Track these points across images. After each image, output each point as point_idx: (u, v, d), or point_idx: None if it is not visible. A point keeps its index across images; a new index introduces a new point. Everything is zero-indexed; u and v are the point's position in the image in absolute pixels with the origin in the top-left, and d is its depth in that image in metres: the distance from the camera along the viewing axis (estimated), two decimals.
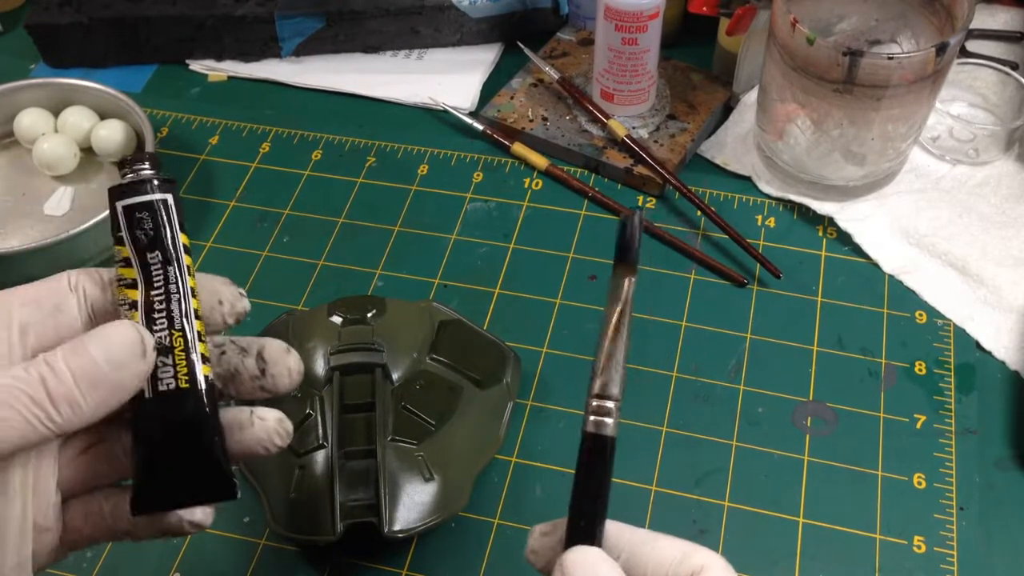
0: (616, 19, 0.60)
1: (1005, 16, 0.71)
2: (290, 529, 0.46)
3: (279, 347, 0.36)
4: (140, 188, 0.34)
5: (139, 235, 0.33)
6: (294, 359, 0.36)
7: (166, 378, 0.33)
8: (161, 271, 0.33)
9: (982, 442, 0.51)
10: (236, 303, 0.35)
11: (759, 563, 0.48)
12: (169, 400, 0.33)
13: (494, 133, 0.66)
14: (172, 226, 0.34)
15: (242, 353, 0.36)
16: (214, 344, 0.36)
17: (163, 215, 0.34)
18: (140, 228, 0.33)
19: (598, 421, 0.30)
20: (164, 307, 0.33)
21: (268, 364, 0.36)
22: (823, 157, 0.59)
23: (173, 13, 0.71)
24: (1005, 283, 0.56)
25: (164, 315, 0.33)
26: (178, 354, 0.33)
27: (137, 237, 0.33)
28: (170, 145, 0.68)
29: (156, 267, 0.33)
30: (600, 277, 0.59)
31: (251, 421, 0.35)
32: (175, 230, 0.34)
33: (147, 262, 0.33)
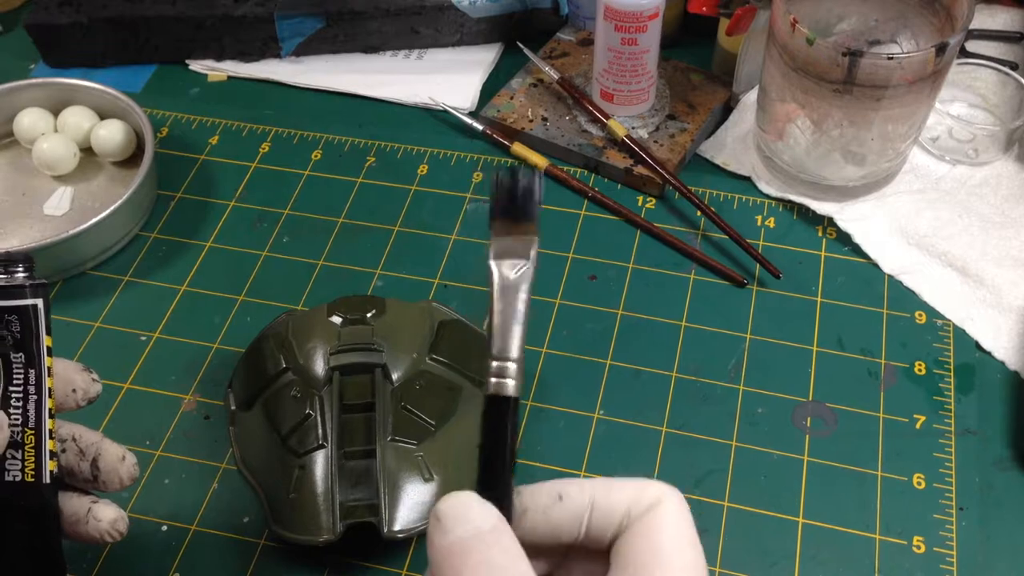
0: (616, 19, 0.60)
1: (1005, 16, 0.71)
2: (290, 529, 0.46)
3: (114, 456, 0.39)
4: (14, 292, 0.36)
5: (6, 335, 0.36)
6: (126, 469, 0.39)
7: (13, 470, 0.36)
8: (22, 372, 0.36)
9: (982, 442, 0.51)
10: (89, 388, 0.39)
11: (759, 563, 0.48)
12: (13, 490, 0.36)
13: (494, 133, 0.66)
14: (39, 331, 0.36)
15: (79, 456, 0.39)
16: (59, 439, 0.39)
17: (32, 320, 0.36)
18: (8, 329, 0.36)
19: (499, 383, 0.30)
20: (21, 405, 0.36)
21: (100, 472, 0.39)
22: (823, 157, 0.59)
23: (173, 13, 0.71)
24: (1005, 283, 0.56)
25: (20, 412, 0.36)
26: (28, 450, 0.36)
27: (3, 336, 0.36)
28: (170, 145, 0.68)
29: (18, 367, 0.36)
30: (600, 277, 0.59)
31: (87, 519, 0.38)
32: (41, 334, 0.36)
33: (10, 361, 0.36)
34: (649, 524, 0.29)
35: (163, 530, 0.50)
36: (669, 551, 0.30)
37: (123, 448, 0.40)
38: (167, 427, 0.53)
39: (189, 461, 0.52)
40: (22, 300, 0.36)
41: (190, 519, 0.50)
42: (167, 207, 0.65)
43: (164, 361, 0.56)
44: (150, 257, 0.62)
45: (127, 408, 0.54)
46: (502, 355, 0.30)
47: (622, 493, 0.30)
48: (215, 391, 0.55)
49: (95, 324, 0.58)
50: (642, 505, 0.30)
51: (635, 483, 0.30)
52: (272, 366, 0.51)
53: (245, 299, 0.59)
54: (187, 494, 0.51)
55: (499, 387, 0.30)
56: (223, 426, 0.53)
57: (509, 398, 0.30)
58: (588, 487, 0.30)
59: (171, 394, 0.55)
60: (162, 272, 0.61)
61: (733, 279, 0.58)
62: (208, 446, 0.53)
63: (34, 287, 0.36)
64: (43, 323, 0.36)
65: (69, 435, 0.39)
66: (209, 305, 0.59)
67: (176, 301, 0.59)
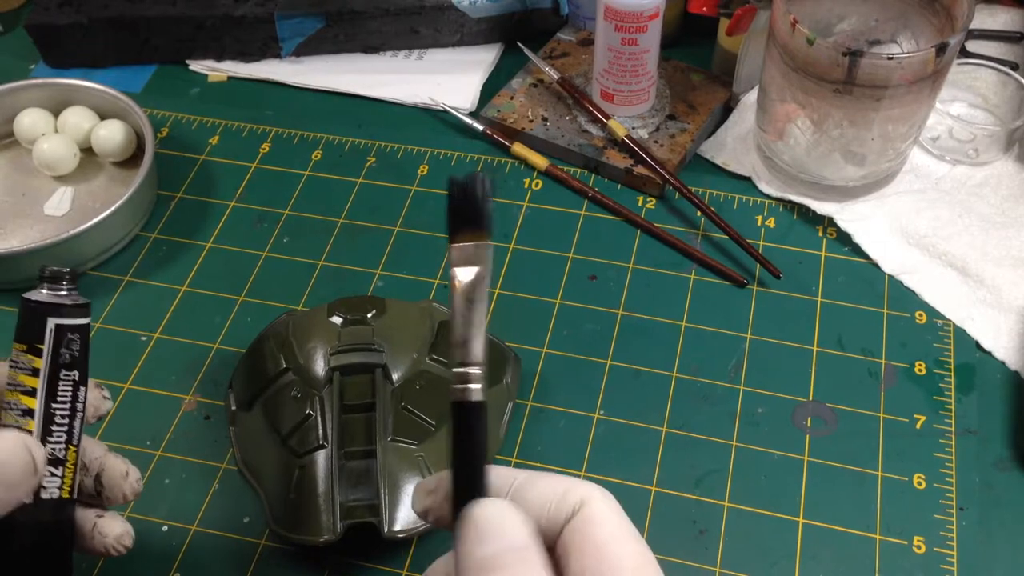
0: (616, 19, 0.60)
1: (1005, 16, 0.71)
2: (290, 529, 0.46)
3: (118, 472, 0.40)
4: (77, 311, 0.36)
5: (64, 353, 0.35)
6: (129, 485, 0.40)
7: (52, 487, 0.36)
8: (71, 390, 0.36)
9: (982, 442, 0.51)
10: (100, 406, 0.39)
11: (759, 563, 0.48)
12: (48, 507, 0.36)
13: (494, 133, 0.66)
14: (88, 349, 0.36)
15: (83, 470, 0.39)
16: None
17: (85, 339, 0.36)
18: (68, 348, 0.36)
19: (463, 388, 0.31)
20: (66, 423, 0.36)
21: (104, 488, 0.39)
22: (823, 157, 0.59)
23: (173, 13, 0.71)
24: (1005, 283, 0.56)
25: (65, 430, 0.36)
26: (68, 467, 0.36)
27: (61, 354, 0.35)
28: (170, 145, 0.68)
29: (67, 384, 0.36)
30: (600, 277, 0.59)
31: (92, 535, 0.38)
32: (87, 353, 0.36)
33: (60, 378, 0.35)
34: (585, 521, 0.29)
35: (163, 530, 0.50)
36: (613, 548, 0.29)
37: (127, 463, 0.40)
38: (167, 427, 0.53)
39: (189, 461, 0.52)
40: (84, 319, 0.36)
41: (190, 519, 0.50)
42: (167, 207, 0.65)
43: (164, 361, 0.56)
44: (150, 257, 0.62)
45: (127, 408, 0.54)
46: (466, 361, 0.31)
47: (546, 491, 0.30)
48: (215, 391, 0.55)
49: (95, 324, 0.58)
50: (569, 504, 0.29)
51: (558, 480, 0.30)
52: (272, 366, 0.51)
53: (245, 299, 0.59)
54: (187, 494, 0.51)
55: (465, 393, 0.30)
56: (223, 426, 0.53)
57: (476, 403, 0.30)
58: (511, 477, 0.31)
59: (171, 394, 0.55)
60: (162, 272, 0.61)
61: (733, 279, 0.58)
62: (208, 446, 0.53)
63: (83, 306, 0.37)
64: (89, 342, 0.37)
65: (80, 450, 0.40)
66: (209, 305, 0.59)
67: (176, 301, 0.59)
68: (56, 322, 0.35)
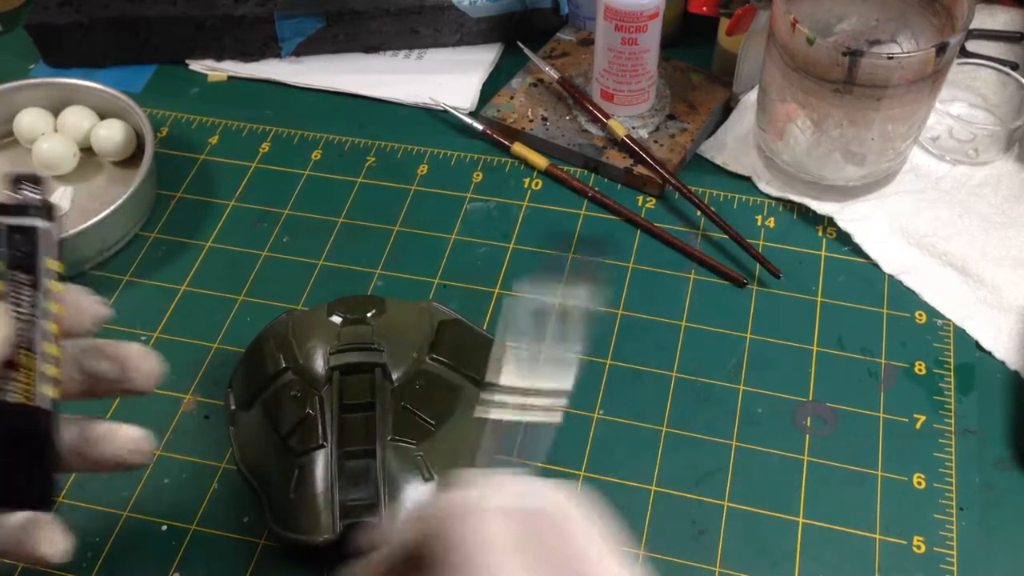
0: (616, 19, 0.60)
1: (1005, 16, 0.71)
2: (290, 529, 0.46)
3: (139, 351, 0.39)
4: (24, 211, 0.36)
5: (14, 253, 0.36)
6: (152, 361, 0.39)
7: (9, 390, 0.35)
8: (26, 292, 0.36)
9: (982, 442, 0.51)
10: (98, 310, 0.39)
11: (759, 563, 0.48)
12: (7, 412, 0.35)
13: (494, 133, 0.66)
14: (39, 251, 0.36)
15: (106, 359, 0.38)
16: (80, 348, 0.38)
17: (40, 241, 0.36)
18: (15, 248, 0.36)
19: None
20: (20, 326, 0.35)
21: (127, 368, 0.39)
22: (823, 157, 0.59)
23: (173, 13, 0.71)
24: (1005, 283, 0.56)
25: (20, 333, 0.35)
26: (24, 372, 0.36)
27: (11, 255, 0.36)
28: (170, 145, 0.68)
29: (22, 286, 0.36)
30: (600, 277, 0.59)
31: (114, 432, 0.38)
32: (40, 255, 0.36)
33: (15, 280, 0.36)
34: None
35: (163, 530, 0.50)
36: None
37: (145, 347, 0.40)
38: (167, 427, 0.53)
39: (189, 461, 0.52)
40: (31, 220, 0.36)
41: (190, 519, 0.50)
42: (167, 207, 0.65)
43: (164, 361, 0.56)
44: (150, 257, 0.62)
45: (127, 408, 0.54)
46: None
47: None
48: (215, 391, 0.55)
49: None
50: None
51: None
52: (272, 366, 0.51)
53: (245, 299, 0.59)
54: (187, 494, 0.51)
55: None
56: (223, 426, 0.53)
57: None
58: None
59: (171, 394, 0.55)
60: (162, 272, 0.61)
61: (733, 279, 0.58)
62: (208, 446, 0.53)
63: (39, 208, 0.36)
64: (51, 246, 0.36)
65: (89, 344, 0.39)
66: (209, 305, 0.59)
67: (176, 301, 0.59)
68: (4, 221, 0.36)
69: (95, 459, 0.38)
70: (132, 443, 0.38)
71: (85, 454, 0.38)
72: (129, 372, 0.39)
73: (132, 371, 0.39)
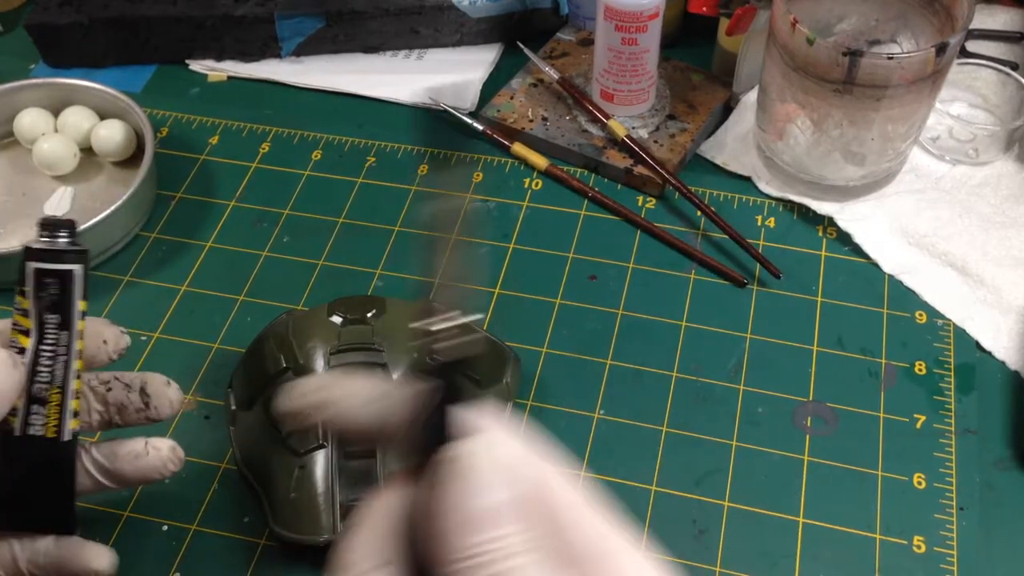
0: (616, 19, 0.60)
1: (1005, 16, 0.71)
2: (290, 529, 0.46)
3: (160, 382, 0.42)
4: (54, 256, 0.38)
5: (43, 296, 0.37)
6: (174, 391, 0.42)
7: (37, 424, 0.38)
8: (55, 332, 0.38)
9: (982, 442, 0.51)
10: (119, 341, 0.41)
11: (759, 563, 0.48)
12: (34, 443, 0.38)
13: (494, 133, 0.66)
14: (74, 295, 0.38)
15: (126, 389, 0.41)
16: (101, 381, 0.41)
17: (69, 284, 0.38)
18: (46, 291, 0.37)
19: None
20: (50, 364, 0.38)
21: (150, 397, 0.41)
22: (823, 157, 0.59)
23: (173, 13, 0.71)
24: (1005, 283, 0.56)
25: (48, 371, 0.38)
26: (52, 407, 0.38)
27: (41, 297, 0.37)
28: (170, 145, 0.68)
29: (52, 327, 0.38)
30: (600, 277, 0.59)
31: (146, 451, 0.41)
32: (75, 299, 0.38)
33: (44, 321, 0.38)
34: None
35: (163, 530, 0.50)
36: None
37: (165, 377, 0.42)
38: (167, 427, 0.53)
39: (189, 461, 0.52)
40: (61, 264, 0.38)
41: (190, 519, 0.50)
42: (167, 207, 0.65)
43: (164, 361, 0.56)
44: (150, 257, 0.62)
45: None
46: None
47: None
48: (215, 391, 0.55)
49: None
50: None
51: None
52: (272, 366, 0.51)
53: (245, 299, 0.59)
54: (187, 494, 0.51)
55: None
56: (223, 426, 0.53)
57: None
58: None
59: None
60: (162, 272, 0.61)
61: (733, 279, 0.58)
62: (208, 446, 0.53)
63: (73, 252, 0.38)
64: (79, 288, 0.38)
65: (110, 377, 0.41)
66: (209, 305, 0.59)
67: (176, 301, 0.59)
68: (35, 266, 0.38)
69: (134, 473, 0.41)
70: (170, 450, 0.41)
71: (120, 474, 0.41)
72: (152, 402, 0.41)
73: (155, 401, 0.41)
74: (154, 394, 0.42)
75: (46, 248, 0.38)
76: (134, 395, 0.41)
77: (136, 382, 0.42)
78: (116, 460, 0.40)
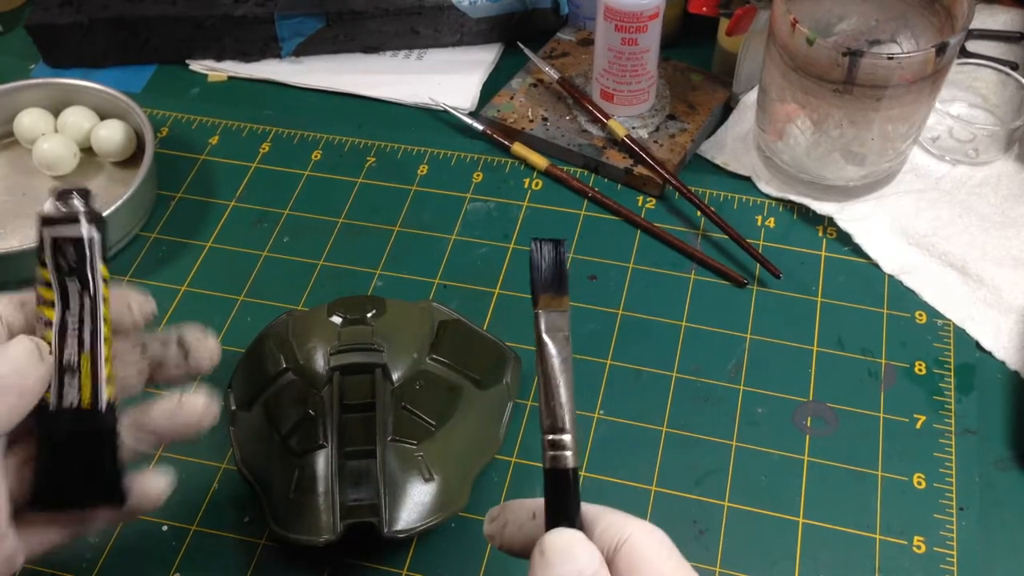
0: (616, 19, 0.60)
1: (1005, 16, 0.71)
2: (290, 529, 0.46)
3: (197, 332, 0.41)
4: (71, 222, 0.37)
5: (62, 264, 0.37)
6: (212, 341, 0.41)
7: (71, 395, 0.37)
8: (78, 299, 0.37)
9: (982, 442, 0.51)
10: (144, 305, 0.40)
11: (759, 563, 0.48)
12: (71, 415, 0.37)
13: (494, 133, 0.66)
14: (94, 260, 0.37)
15: (163, 345, 0.40)
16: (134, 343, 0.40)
17: (87, 250, 0.37)
18: (65, 258, 0.37)
19: (554, 456, 0.31)
20: (76, 330, 0.37)
21: (189, 349, 0.40)
22: (823, 157, 0.59)
23: (173, 13, 0.71)
24: (1005, 283, 0.56)
25: (76, 338, 0.37)
26: (84, 375, 0.37)
27: (60, 265, 0.37)
28: (170, 145, 0.68)
29: (74, 294, 0.37)
30: (600, 277, 0.59)
31: (180, 405, 0.39)
32: (96, 264, 0.37)
33: (66, 288, 0.37)
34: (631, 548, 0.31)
35: (163, 530, 0.50)
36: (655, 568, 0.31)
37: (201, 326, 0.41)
38: None
39: (189, 461, 0.52)
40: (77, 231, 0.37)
41: (190, 519, 0.50)
42: (167, 207, 0.65)
43: None
44: (150, 257, 0.62)
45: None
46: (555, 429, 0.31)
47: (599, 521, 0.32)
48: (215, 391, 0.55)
49: None
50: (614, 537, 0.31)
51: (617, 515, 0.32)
52: (272, 366, 0.51)
53: (245, 299, 0.59)
54: (187, 494, 0.51)
55: (557, 460, 0.31)
56: (223, 426, 0.53)
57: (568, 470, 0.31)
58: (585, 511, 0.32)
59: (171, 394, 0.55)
60: (162, 272, 0.61)
61: (733, 279, 0.58)
62: (208, 446, 0.53)
63: (89, 218, 0.37)
64: (98, 253, 0.37)
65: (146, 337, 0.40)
66: (209, 305, 0.59)
67: (176, 301, 0.59)
68: (52, 234, 0.37)
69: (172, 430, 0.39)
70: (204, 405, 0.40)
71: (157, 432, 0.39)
72: (192, 354, 0.40)
73: (193, 352, 0.40)
74: (192, 346, 0.40)
75: (62, 215, 0.37)
76: (171, 349, 0.40)
77: (172, 336, 0.40)
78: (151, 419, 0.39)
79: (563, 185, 0.64)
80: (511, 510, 0.34)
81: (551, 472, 0.31)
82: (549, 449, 0.31)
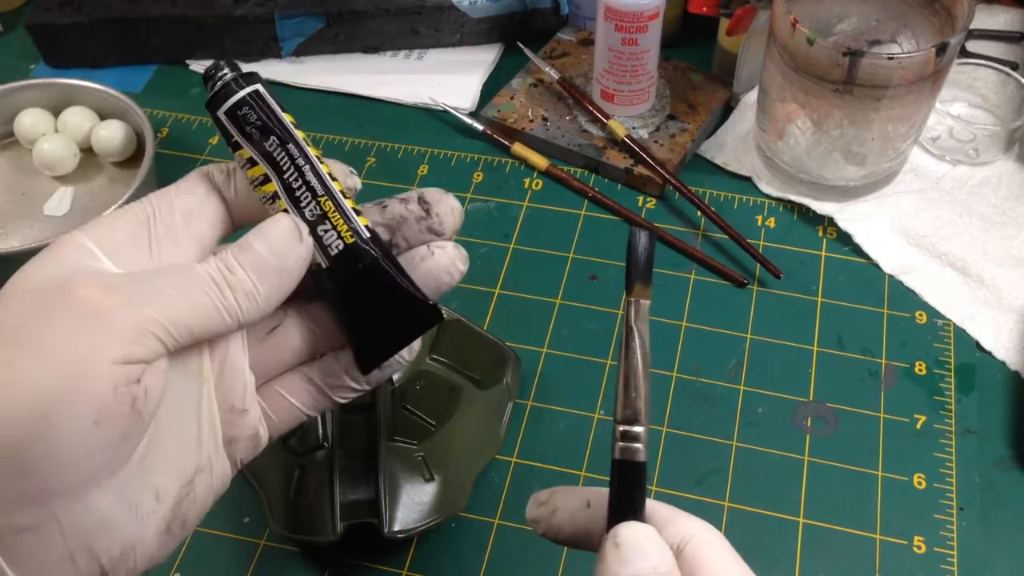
0: (616, 19, 0.60)
1: (1005, 16, 0.71)
2: (290, 529, 0.46)
3: (437, 190, 0.38)
4: (230, 91, 0.35)
5: (249, 130, 0.35)
6: (453, 198, 0.37)
7: (332, 242, 0.34)
8: (283, 152, 0.35)
9: (982, 442, 0.51)
10: (347, 179, 0.37)
11: (759, 563, 0.47)
12: (345, 259, 0.34)
13: (494, 133, 0.66)
14: (273, 110, 0.35)
15: (403, 202, 0.37)
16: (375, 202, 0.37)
17: (260, 104, 0.35)
18: (247, 123, 0.35)
19: (627, 447, 0.31)
20: (301, 182, 0.35)
21: (431, 204, 0.37)
22: (823, 157, 0.59)
23: (173, 13, 0.71)
24: (1005, 283, 0.56)
25: (305, 189, 0.35)
26: (332, 216, 0.35)
27: (249, 133, 0.35)
28: (170, 145, 0.68)
29: (277, 151, 0.35)
30: (600, 277, 0.59)
31: (431, 252, 0.36)
32: (278, 112, 0.35)
33: (267, 151, 0.35)
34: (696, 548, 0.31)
35: None
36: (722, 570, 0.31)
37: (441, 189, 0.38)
38: None
39: None
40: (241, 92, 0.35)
41: None
42: None
43: None
44: None
45: None
46: (631, 420, 0.31)
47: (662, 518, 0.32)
48: None
49: None
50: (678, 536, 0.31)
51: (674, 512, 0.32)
52: None
53: None
54: None
55: (628, 452, 0.31)
56: None
57: (640, 463, 0.31)
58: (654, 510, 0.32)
59: None
60: None
61: (733, 279, 0.58)
62: None
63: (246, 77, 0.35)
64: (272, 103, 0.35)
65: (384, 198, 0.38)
66: None
67: None
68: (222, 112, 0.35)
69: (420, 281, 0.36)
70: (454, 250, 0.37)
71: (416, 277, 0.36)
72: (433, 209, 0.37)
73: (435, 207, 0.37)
74: (433, 201, 0.37)
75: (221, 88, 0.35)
76: (412, 205, 0.37)
77: (412, 194, 0.37)
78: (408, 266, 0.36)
79: (563, 185, 0.64)
80: (563, 496, 0.33)
81: (622, 464, 0.31)
82: (621, 440, 0.31)
